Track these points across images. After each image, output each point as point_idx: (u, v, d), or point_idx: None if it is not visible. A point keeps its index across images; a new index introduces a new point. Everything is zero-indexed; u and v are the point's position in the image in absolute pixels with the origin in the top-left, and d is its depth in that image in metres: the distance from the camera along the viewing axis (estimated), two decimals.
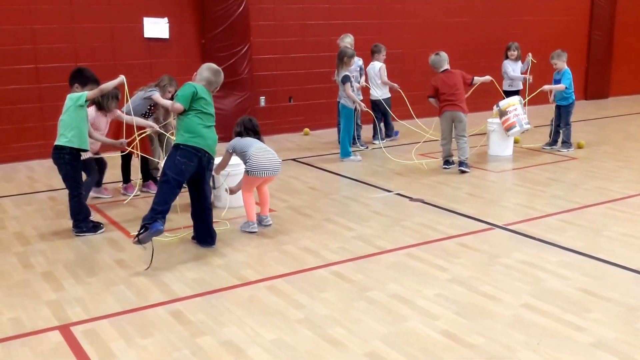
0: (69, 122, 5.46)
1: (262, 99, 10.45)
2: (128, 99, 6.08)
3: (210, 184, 5.64)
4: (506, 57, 9.69)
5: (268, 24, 10.27)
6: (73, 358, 3.57)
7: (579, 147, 9.02)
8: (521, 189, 7.07)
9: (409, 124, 9.56)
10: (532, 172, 7.74)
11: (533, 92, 8.92)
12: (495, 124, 8.54)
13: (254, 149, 5.53)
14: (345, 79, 8.25)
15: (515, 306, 4.10)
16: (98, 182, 6.80)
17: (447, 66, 7.86)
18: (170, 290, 4.44)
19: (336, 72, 8.54)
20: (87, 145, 5.60)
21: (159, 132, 6.80)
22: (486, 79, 8.13)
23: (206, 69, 5.24)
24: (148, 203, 6.38)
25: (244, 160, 5.59)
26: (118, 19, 9.14)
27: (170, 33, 9.55)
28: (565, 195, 6.72)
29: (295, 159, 8.65)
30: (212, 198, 5.99)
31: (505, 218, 5.95)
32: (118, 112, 6.39)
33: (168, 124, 6.82)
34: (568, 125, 8.86)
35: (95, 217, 5.92)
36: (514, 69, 9.61)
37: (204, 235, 5.29)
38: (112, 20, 9.10)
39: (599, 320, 3.89)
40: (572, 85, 8.78)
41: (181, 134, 5.06)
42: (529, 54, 9.41)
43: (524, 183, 7.26)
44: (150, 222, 4.79)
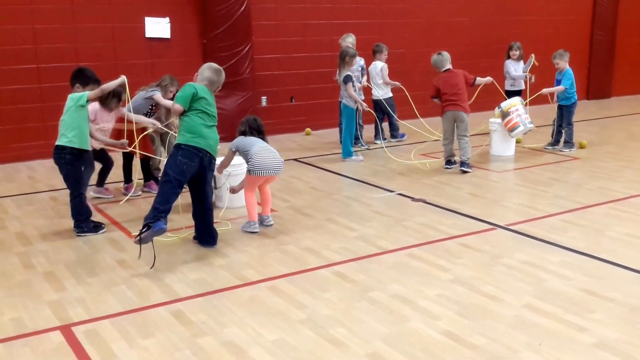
0: (70, 122, 5.46)
1: (264, 98, 10.45)
2: (129, 99, 6.08)
3: (212, 184, 5.63)
4: (508, 57, 9.68)
5: (270, 24, 10.26)
6: (74, 358, 3.57)
7: (581, 147, 9.00)
8: (523, 189, 7.06)
9: (409, 124, 9.57)
10: (534, 172, 7.73)
11: (533, 94, 8.91)
12: (497, 123, 8.52)
13: (256, 148, 5.53)
14: (347, 78, 8.24)
15: (517, 306, 4.09)
16: (100, 182, 6.80)
17: (449, 66, 7.85)
18: (171, 290, 4.43)
19: (338, 72, 8.53)
20: (88, 146, 5.59)
21: (161, 132, 6.80)
22: (487, 80, 8.12)
23: (207, 68, 5.24)
24: (149, 203, 6.40)
25: (246, 159, 5.59)
26: (119, 18, 9.14)
27: (172, 33, 9.54)
28: (567, 195, 6.70)
29: (296, 159, 8.64)
30: (214, 198, 5.99)
31: (507, 218, 5.94)
32: (123, 110, 6.39)
33: (170, 123, 6.82)
34: (570, 125, 8.84)
35: (96, 217, 5.92)
36: (515, 69, 9.59)
37: (205, 235, 5.29)
38: (114, 20, 9.10)
39: (601, 321, 3.88)
40: (574, 85, 8.76)
41: (182, 134, 5.06)
42: (532, 55, 9.39)
43: (526, 183, 7.25)
44: (152, 221, 4.78)
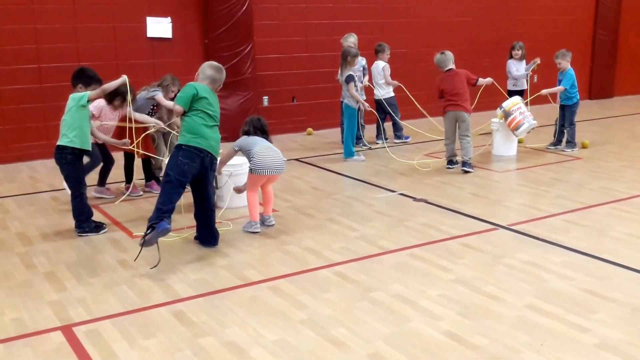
0: (71, 122, 5.45)
1: (265, 98, 10.44)
2: (130, 101, 6.07)
3: (214, 184, 5.63)
4: (510, 57, 9.66)
5: (271, 24, 10.26)
6: (75, 359, 3.56)
7: (583, 147, 8.99)
8: (525, 189, 7.04)
9: (410, 124, 9.55)
10: (536, 172, 7.71)
11: (534, 94, 8.90)
12: (499, 123, 8.51)
13: (258, 148, 5.53)
14: (349, 78, 8.23)
15: (519, 307, 4.08)
16: (102, 182, 6.80)
17: (452, 66, 7.83)
18: (172, 290, 4.43)
19: (340, 72, 8.53)
20: (89, 146, 5.59)
21: (164, 132, 6.79)
22: (488, 80, 8.09)
23: (208, 67, 5.23)
24: (150, 203, 6.41)
25: (249, 159, 5.59)
26: (121, 18, 9.14)
27: (173, 33, 9.54)
28: (569, 195, 6.69)
29: (298, 159, 8.64)
30: (215, 198, 5.98)
31: (509, 218, 5.93)
32: (128, 108, 6.38)
33: (173, 122, 6.81)
34: (572, 125, 8.82)
35: (97, 217, 5.91)
36: (518, 69, 9.58)
37: (207, 235, 5.28)
38: (115, 19, 9.10)
39: (603, 321, 3.87)
40: (576, 85, 8.75)
41: (183, 134, 5.06)
42: (537, 59, 9.37)
43: (528, 183, 7.24)
44: (156, 222, 4.77)
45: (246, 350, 3.59)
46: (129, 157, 6.85)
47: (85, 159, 5.92)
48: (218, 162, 5.64)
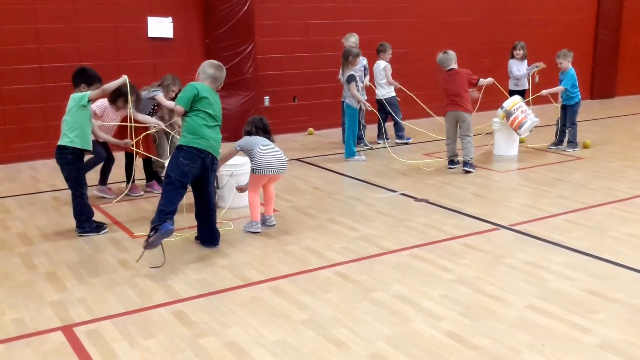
0: (72, 122, 5.45)
1: (267, 98, 10.44)
2: (131, 102, 6.07)
3: (215, 184, 5.62)
4: (512, 57, 9.65)
5: (272, 24, 10.26)
6: (76, 359, 3.56)
7: (584, 147, 8.98)
8: (526, 189, 7.04)
9: (411, 124, 9.54)
10: (538, 172, 7.70)
11: (535, 94, 8.89)
12: (500, 123, 8.50)
13: (260, 147, 5.53)
14: (351, 78, 8.22)
15: (520, 307, 4.08)
16: (103, 181, 6.80)
17: (455, 65, 7.82)
18: (173, 291, 4.43)
19: (341, 72, 8.52)
20: (90, 146, 5.59)
21: (166, 131, 6.79)
22: (489, 81, 8.07)
23: (208, 65, 5.23)
24: (151, 203, 6.42)
25: (250, 159, 5.59)
26: (122, 18, 9.14)
27: (175, 32, 9.54)
28: (570, 195, 6.68)
29: (299, 159, 8.63)
30: (216, 199, 5.97)
31: (510, 218, 5.92)
32: (129, 108, 6.38)
33: (174, 122, 6.81)
34: (574, 124, 8.82)
35: (98, 217, 5.91)
36: (519, 69, 9.56)
37: (208, 235, 5.28)
38: (116, 19, 9.10)
39: (604, 322, 3.86)
40: (577, 85, 8.74)
41: (184, 135, 5.05)
42: (542, 63, 9.36)
43: (530, 183, 7.23)
44: (159, 224, 4.77)
45: (247, 351, 3.59)
46: (130, 157, 6.85)
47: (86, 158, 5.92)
48: (219, 161, 5.63)
